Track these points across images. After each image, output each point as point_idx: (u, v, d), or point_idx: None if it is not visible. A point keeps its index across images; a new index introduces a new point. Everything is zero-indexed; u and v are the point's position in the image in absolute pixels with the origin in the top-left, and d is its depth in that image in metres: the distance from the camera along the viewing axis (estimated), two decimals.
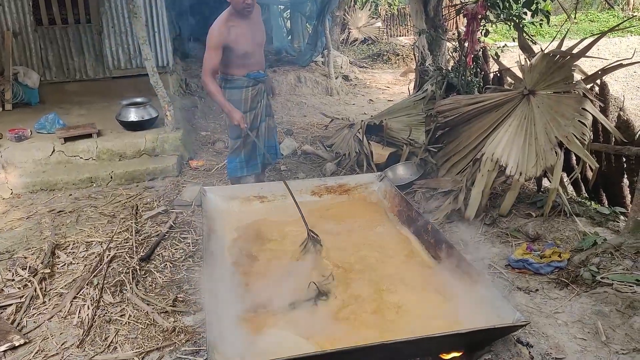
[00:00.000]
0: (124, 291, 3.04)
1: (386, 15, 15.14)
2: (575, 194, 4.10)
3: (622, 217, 3.47)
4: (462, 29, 4.53)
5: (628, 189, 3.51)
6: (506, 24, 4.34)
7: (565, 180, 3.93)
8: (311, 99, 8.13)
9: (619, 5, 16.97)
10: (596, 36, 3.39)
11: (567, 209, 3.39)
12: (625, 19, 12.75)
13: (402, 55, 11.87)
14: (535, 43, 3.94)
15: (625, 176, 3.47)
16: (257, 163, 3.87)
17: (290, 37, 10.90)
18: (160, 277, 3.21)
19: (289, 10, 10.81)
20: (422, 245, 2.61)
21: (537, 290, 2.98)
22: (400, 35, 14.68)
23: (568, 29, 4.26)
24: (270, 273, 2.56)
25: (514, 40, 4.21)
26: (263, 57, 3.76)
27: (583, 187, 3.89)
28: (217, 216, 2.88)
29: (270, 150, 3.92)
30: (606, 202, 3.80)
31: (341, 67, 9.39)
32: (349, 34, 13.92)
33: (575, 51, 3.51)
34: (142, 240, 3.65)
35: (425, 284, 2.31)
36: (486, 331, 1.80)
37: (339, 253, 2.71)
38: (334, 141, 5.54)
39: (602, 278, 2.87)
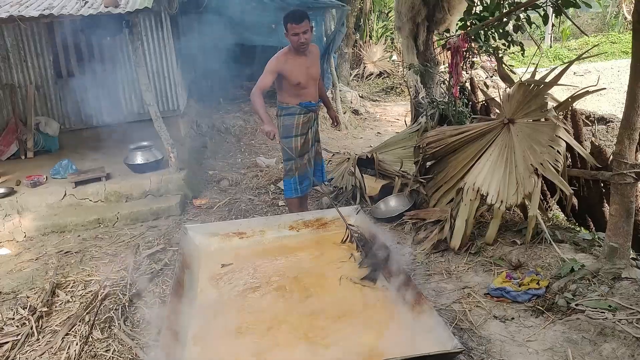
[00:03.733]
0: (112, 327, 3.19)
1: (402, 48, 15.39)
2: (565, 220, 4.08)
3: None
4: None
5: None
6: (488, 55, 4.45)
7: (553, 205, 3.94)
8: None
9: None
10: (566, 64, 3.45)
11: (546, 236, 3.39)
12: (594, 44, 12.62)
13: None
14: (514, 72, 4.02)
15: (605, 201, 3.45)
16: (309, 184, 4.24)
17: None
18: (148, 312, 3.35)
19: None
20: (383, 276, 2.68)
21: (513, 318, 2.97)
22: None
23: (539, 59, 4.31)
24: None
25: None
26: (316, 91, 4.20)
27: (570, 214, 3.87)
28: (195, 253, 3.03)
29: (317, 173, 4.34)
30: (594, 228, 3.77)
31: (351, 102, 9.60)
32: (364, 68, 14.21)
33: (548, 80, 3.57)
34: (137, 277, 3.82)
35: (371, 312, 2.37)
36: (421, 358, 1.85)
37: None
38: (333, 175, 5.66)
39: (576, 305, 2.85)
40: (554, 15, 4.13)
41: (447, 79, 4.97)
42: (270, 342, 2.52)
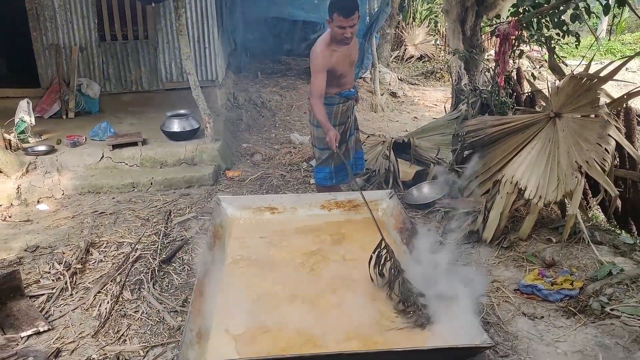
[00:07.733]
0: (142, 289, 3.27)
1: (445, 32, 14.98)
2: (606, 222, 3.94)
3: None
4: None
5: None
6: (539, 45, 4.27)
7: (594, 205, 3.81)
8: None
9: None
10: (624, 59, 3.28)
11: (585, 236, 3.28)
12: None
13: None
14: (565, 64, 3.86)
15: None
16: (346, 174, 4.01)
17: None
18: (177, 278, 3.42)
19: None
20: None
21: (542, 317, 2.90)
22: None
23: (595, 52, 4.11)
24: None
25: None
26: (354, 75, 3.99)
27: (612, 215, 3.74)
28: (226, 224, 3.06)
29: (357, 162, 4.18)
30: (636, 232, 3.63)
31: (389, 84, 9.44)
32: (405, 50, 13.92)
33: (602, 74, 3.42)
34: (167, 243, 3.89)
35: None
36: (447, 350, 1.82)
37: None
38: (367, 157, 5.59)
39: (611, 310, 2.76)
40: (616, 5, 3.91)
41: (493, 67, 4.82)
42: (293, 317, 2.53)
